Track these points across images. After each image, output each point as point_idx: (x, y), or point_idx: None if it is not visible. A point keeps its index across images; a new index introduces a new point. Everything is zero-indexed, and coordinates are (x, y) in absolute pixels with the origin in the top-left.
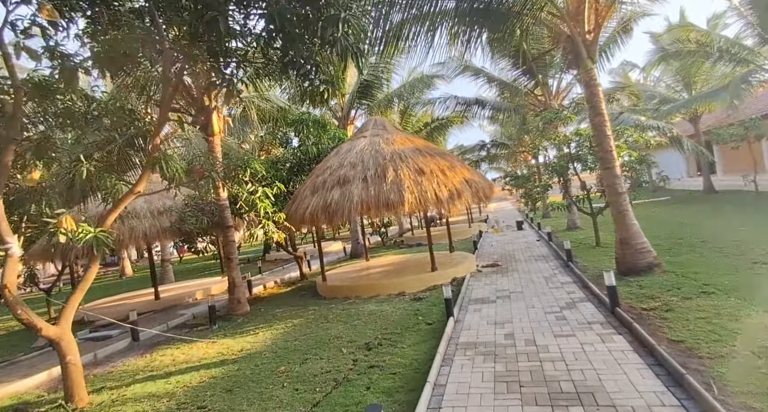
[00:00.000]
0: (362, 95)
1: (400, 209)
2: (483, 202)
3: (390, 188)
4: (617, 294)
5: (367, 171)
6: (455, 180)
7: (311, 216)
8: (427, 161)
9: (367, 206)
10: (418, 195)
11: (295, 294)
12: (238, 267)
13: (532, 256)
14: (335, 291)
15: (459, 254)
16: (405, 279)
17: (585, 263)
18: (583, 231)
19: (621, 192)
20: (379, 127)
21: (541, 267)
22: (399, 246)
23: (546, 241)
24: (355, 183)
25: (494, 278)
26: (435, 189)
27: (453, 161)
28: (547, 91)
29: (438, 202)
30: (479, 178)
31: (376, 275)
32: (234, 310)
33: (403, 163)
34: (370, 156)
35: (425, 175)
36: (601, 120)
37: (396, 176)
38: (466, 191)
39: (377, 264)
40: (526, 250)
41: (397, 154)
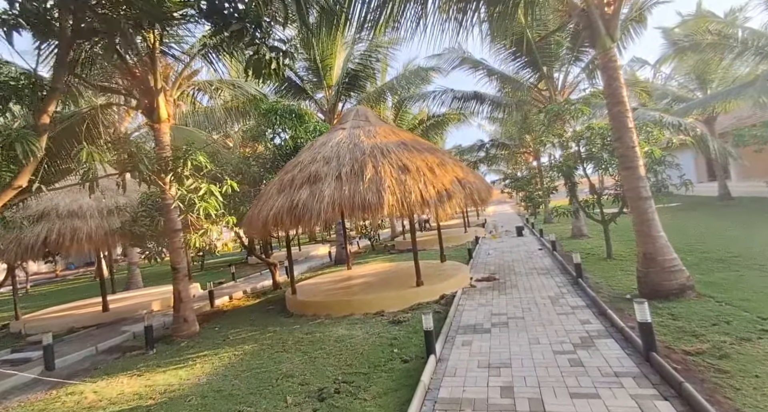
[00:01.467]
0: (350, 86)
1: (378, 211)
2: (478, 206)
3: (367, 188)
4: (653, 334)
5: (342, 167)
6: (445, 179)
7: (275, 219)
8: (413, 157)
9: (339, 207)
10: (400, 196)
11: (262, 308)
12: (186, 279)
13: (534, 268)
14: (304, 307)
15: (451, 265)
16: (385, 295)
17: (597, 280)
18: (590, 240)
19: (645, 197)
20: (361, 118)
21: (545, 283)
22: (389, 251)
23: (549, 250)
24: (327, 181)
25: (490, 295)
26: (421, 189)
27: (444, 158)
28: (551, 86)
29: (424, 204)
30: (475, 179)
31: (353, 289)
32: (179, 331)
33: (384, 158)
34: (347, 150)
35: (410, 173)
36: (622, 110)
37: (375, 174)
38: (458, 193)
39: (358, 274)
40: (527, 260)
41: (378, 148)
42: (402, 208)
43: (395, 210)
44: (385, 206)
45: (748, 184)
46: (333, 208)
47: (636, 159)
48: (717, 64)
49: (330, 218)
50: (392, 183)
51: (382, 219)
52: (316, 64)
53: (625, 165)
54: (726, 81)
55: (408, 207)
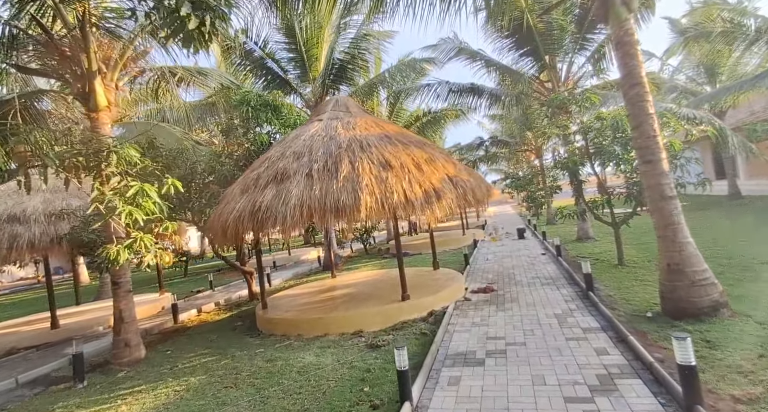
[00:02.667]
0: (337, 78)
1: (354, 214)
2: (474, 207)
3: (342, 187)
4: (698, 381)
5: (313, 164)
6: (434, 177)
7: (236, 223)
8: (397, 152)
9: (308, 210)
10: (380, 196)
11: (230, 324)
12: (130, 295)
13: (537, 277)
14: (274, 326)
15: (444, 273)
16: (365, 312)
17: (609, 292)
18: (597, 243)
19: (670, 196)
20: (341, 108)
21: (550, 296)
22: (383, 255)
23: (553, 255)
24: (296, 179)
25: (486, 311)
26: (405, 188)
27: (434, 153)
28: (554, 77)
29: (408, 205)
30: (470, 177)
31: (331, 303)
32: (119, 357)
33: (363, 153)
34: (321, 144)
35: (393, 169)
36: (640, 93)
37: (352, 170)
38: (448, 193)
39: (342, 283)
40: (529, 267)
41: (357, 141)
42: (382, 210)
43: (374, 213)
44: (362, 208)
45: (755, 182)
46: (301, 210)
47: (658, 151)
48: (727, 56)
49: (299, 222)
50: (371, 181)
51: (377, 221)
52: (300, 55)
53: (645, 158)
54: (735, 75)
55: (390, 209)
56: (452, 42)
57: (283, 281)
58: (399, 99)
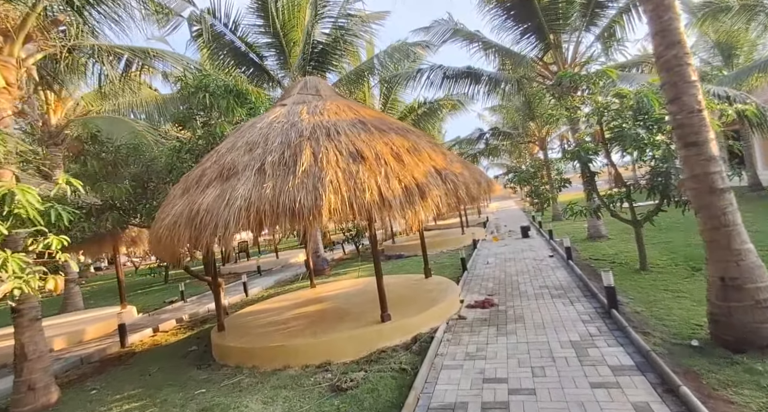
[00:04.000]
0: (319, 65)
1: (315, 218)
2: (470, 204)
3: (300, 184)
4: None
5: (267, 156)
6: (418, 170)
7: (170, 232)
8: (372, 140)
9: (257, 213)
10: (348, 194)
11: (182, 349)
12: (36, 325)
13: (546, 286)
14: (227, 354)
15: (436, 283)
16: (336, 338)
17: (636, 307)
18: (612, 242)
19: (721, 188)
20: (310, 91)
21: (563, 314)
22: None
23: (563, 257)
24: (245, 176)
25: (484, 336)
26: (380, 184)
27: (418, 142)
28: (560, 57)
29: (384, 205)
30: (465, 170)
31: (299, 324)
32: (20, 405)
33: (330, 142)
34: (280, 132)
35: (365, 161)
36: (679, 54)
37: (314, 163)
38: (435, 189)
39: (318, 296)
40: (535, 273)
41: (323, 128)
42: (351, 211)
43: (340, 215)
44: (325, 210)
45: None
46: (248, 214)
47: (704, 130)
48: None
49: (246, 228)
50: (337, 176)
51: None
52: (278, 40)
53: (688, 139)
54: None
55: (360, 210)
56: (447, 23)
57: (263, 289)
58: (392, 90)
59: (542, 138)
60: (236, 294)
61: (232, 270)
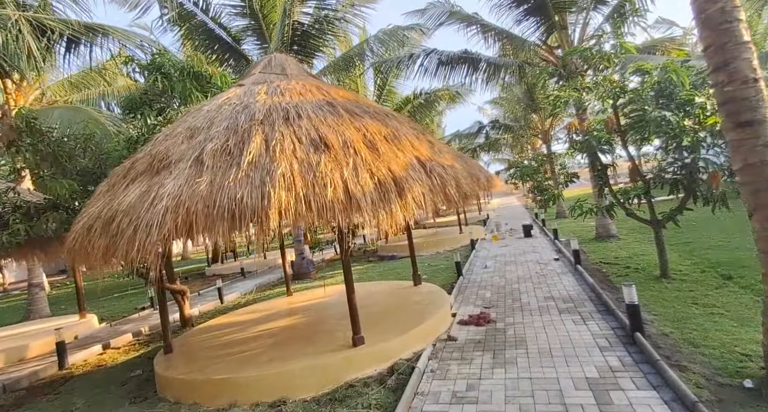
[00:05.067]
0: (301, 48)
1: (263, 221)
2: (461, 203)
3: (243, 178)
4: None
5: (207, 143)
6: (397, 162)
7: (82, 241)
8: (340, 125)
9: (187, 216)
10: (305, 191)
11: (125, 373)
12: None
13: (552, 297)
14: (168, 386)
15: (426, 292)
16: (295, 368)
17: (663, 328)
18: (623, 243)
19: None
20: (275, 70)
21: (574, 337)
22: (369, 258)
23: (570, 262)
24: (178, 168)
25: (476, 367)
26: (347, 179)
27: (399, 128)
28: (565, 40)
29: (351, 205)
30: (456, 162)
31: (258, 346)
32: None
33: (288, 127)
34: (228, 115)
35: (330, 151)
36: (727, 8)
37: (264, 153)
38: (418, 184)
39: (291, 307)
40: (539, 280)
41: (281, 110)
42: (309, 212)
43: (295, 216)
44: (273, 211)
45: None
46: (176, 217)
47: (762, 105)
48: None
49: (173, 234)
50: (292, 169)
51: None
52: (257, 22)
53: (741, 118)
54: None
55: (321, 211)
56: (443, 5)
57: (241, 295)
58: (387, 81)
59: (546, 131)
60: (213, 300)
61: (217, 272)
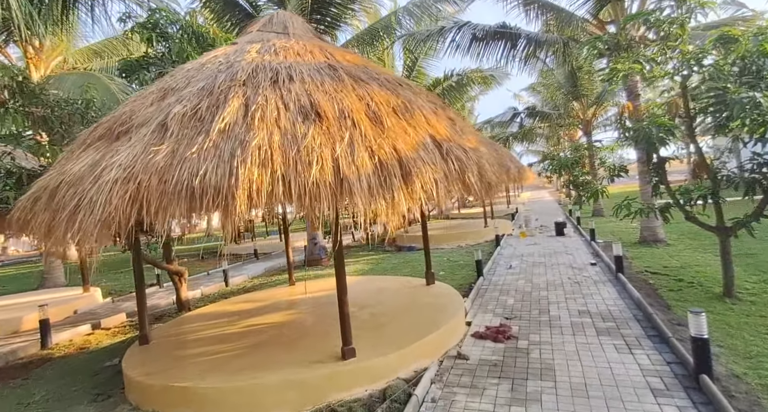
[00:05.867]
0: (321, 17)
1: (229, 204)
2: (482, 195)
3: (210, 149)
4: None
5: (177, 105)
6: (406, 140)
7: (26, 214)
8: (339, 92)
9: (138, 192)
10: (284, 169)
11: (103, 359)
12: None
13: (588, 312)
14: (131, 386)
15: (438, 294)
16: (269, 382)
17: (736, 367)
18: (672, 249)
19: None
20: (275, 28)
21: (617, 371)
22: (386, 248)
23: (610, 268)
24: (139, 134)
25: (489, 403)
26: (338, 156)
27: (413, 100)
28: (620, 12)
29: (342, 190)
30: (482, 146)
31: (237, 347)
32: None
33: (274, 91)
34: (209, 75)
35: (323, 121)
36: None
37: (241, 120)
38: (430, 169)
39: (289, 299)
40: (573, 289)
41: (270, 71)
42: (288, 195)
43: (268, 200)
44: (241, 192)
45: None
46: (125, 193)
47: None
48: None
49: (120, 213)
50: (271, 140)
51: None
52: None
53: None
54: None
55: (302, 195)
56: None
57: (248, 278)
58: (417, 61)
59: (587, 121)
60: (221, 281)
61: (233, 251)
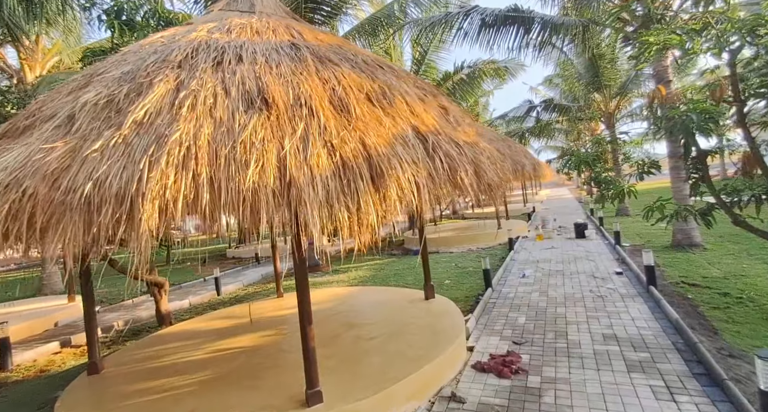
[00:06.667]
0: (315, 6)
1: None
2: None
3: (117, 146)
4: None
5: (90, 93)
6: (380, 132)
7: None
8: (297, 75)
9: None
10: (210, 172)
11: (62, 385)
12: None
13: (616, 337)
14: None
15: (437, 312)
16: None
17: None
18: (710, 255)
19: None
20: (240, 6)
21: None
22: (392, 251)
23: (638, 279)
24: (42, 129)
25: None
26: (286, 154)
27: (394, 85)
28: None
29: (289, 198)
30: (482, 140)
31: (191, 381)
32: None
33: (216, 74)
34: (141, 58)
35: (270, 111)
36: None
37: (168, 109)
38: (409, 168)
39: (270, 316)
40: (595, 305)
41: (215, 51)
42: (214, 206)
43: (184, 212)
44: (148, 202)
45: None
46: (4, 204)
47: None
48: None
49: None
50: (197, 134)
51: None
52: None
53: None
54: None
55: (235, 205)
56: None
57: (242, 286)
58: (426, 54)
59: (610, 113)
60: (211, 290)
61: (237, 254)
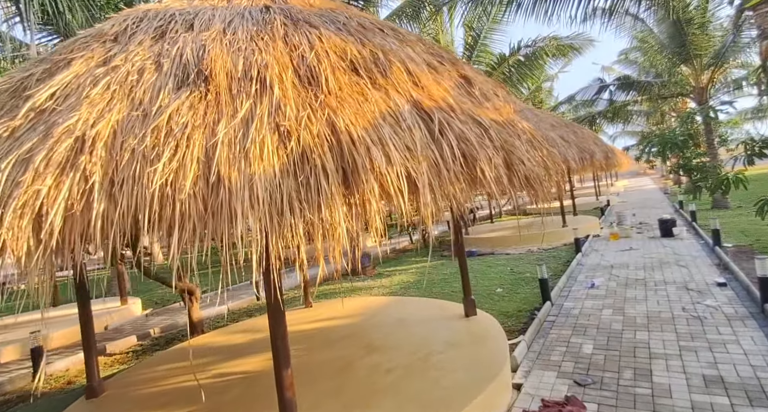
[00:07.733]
0: None
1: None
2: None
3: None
4: None
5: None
6: (364, 109)
7: None
8: (256, 41)
9: None
10: (102, 174)
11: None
12: None
13: (722, 381)
14: None
15: (476, 335)
16: None
17: None
18: None
19: None
20: None
21: None
22: (442, 252)
23: (749, 294)
24: None
25: None
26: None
27: (395, 49)
28: None
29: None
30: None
31: None
32: None
33: (152, 45)
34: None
35: (208, 87)
36: None
37: (78, 89)
38: (399, 159)
39: (296, 330)
40: (689, 330)
41: (161, 20)
42: (116, 217)
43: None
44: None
45: None
46: None
47: None
48: None
49: None
50: (94, 122)
51: None
52: None
53: None
54: None
55: (146, 220)
56: None
57: (285, 290)
58: (479, 38)
59: (701, 88)
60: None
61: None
